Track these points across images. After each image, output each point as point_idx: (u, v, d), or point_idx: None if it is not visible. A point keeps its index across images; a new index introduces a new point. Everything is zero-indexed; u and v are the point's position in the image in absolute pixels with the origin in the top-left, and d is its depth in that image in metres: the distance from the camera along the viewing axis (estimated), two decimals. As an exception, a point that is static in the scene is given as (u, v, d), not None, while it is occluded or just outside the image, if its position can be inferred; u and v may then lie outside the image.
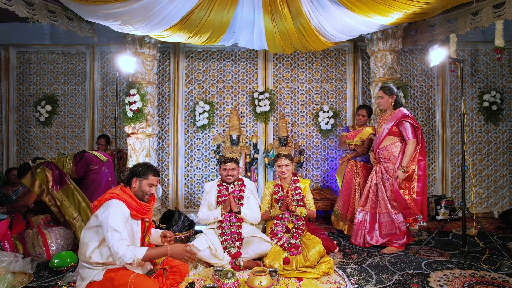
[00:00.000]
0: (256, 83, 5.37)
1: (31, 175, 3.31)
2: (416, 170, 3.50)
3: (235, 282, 2.47)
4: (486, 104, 5.19)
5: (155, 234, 2.70)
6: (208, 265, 3.02)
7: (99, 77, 5.48)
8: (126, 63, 4.17)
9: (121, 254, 2.18)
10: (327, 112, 5.20)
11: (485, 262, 3.11)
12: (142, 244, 2.52)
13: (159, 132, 5.24)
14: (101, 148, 4.97)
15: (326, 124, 5.20)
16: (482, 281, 2.73)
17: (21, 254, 3.04)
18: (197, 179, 5.39)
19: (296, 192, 3.29)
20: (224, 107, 5.39)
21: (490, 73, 5.29)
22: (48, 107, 5.35)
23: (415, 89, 5.35)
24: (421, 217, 3.53)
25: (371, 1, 3.08)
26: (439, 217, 4.86)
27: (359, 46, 5.29)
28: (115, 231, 2.23)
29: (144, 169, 2.54)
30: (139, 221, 2.52)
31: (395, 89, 3.66)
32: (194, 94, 5.39)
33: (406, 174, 3.43)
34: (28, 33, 5.30)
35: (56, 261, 2.92)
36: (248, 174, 4.91)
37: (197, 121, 5.24)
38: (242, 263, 2.98)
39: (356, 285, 2.68)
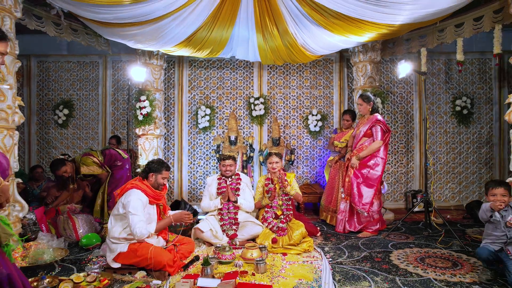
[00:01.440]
0: (252, 89, 5.99)
1: (87, 165, 4.02)
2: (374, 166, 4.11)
3: (231, 254, 3.09)
4: (458, 108, 5.80)
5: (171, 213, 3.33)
6: (210, 244, 3.63)
7: (111, 83, 6.09)
8: (137, 73, 4.80)
9: (138, 232, 2.81)
10: (316, 115, 5.81)
11: (441, 243, 3.73)
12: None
13: (165, 133, 5.85)
14: (112, 147, 5.59)
15: (315, 126, 5.82)
16: (433, 255, 3.34)
17: (54, 235, 3.65)
18: (199, 176, 6.01)
19: (283, 184, 3.90)
20: (224, 111, 6.01)
21: (462, 80, 5.90)
22: (66, 111, 5.96)
23: (395, 94, 5.96)
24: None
25: (344, 24, 3.69)
26: (415, 209, 5.47)
27: (344, 56, 5.90)
28: (135, 214, 2.85)
29: (158, 166, 3.15)
30: (154, 206, 3.14)
31: (372, 97, 4.27)
32: (197, 99, 6.01)
33: (372, 170, 4.06)
34: (47, 45, 5.89)
35: (84, 240, 3.55)
36: (245, 171, 5.52)
37: (199, 123, 5.85)
38: (238, 243, 3.59)
39: (330, 259, 3.29)
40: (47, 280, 2.50)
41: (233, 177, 3.96)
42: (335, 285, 2.67)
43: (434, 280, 2.76)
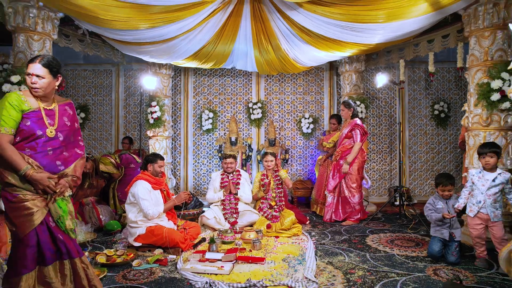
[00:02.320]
0: (251, 95, 6.64)
1: (105, 164, 4.67)
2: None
3: (232, 236, 3.74)
4: (436, 112, 6.44)
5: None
6: (214, 230, 4.27)
7: (123, 90, 6.74)
8: (149, 81, 5.46)
9: (151, 213, 3.48)
10: (308, 118, 6.46)
11: (411, 229, 4.37)
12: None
13: (173, 135, 6.49)
14: (125, 147, 6.22)
15: (307, 128, 6.46)
16: (401, 238, 3.99)
17: (82, 222, 4.29)
18: (203, 173, 6.66)
19: (277, 178, 4.54)
20: (225, 115, 6.65)
21: (440, 87, 6.54)
22: (82, 115, 6.60)
23: (380, 99, 6.60)
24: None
25: (329, 43, 4.33)
26: (396, 203, 6.10)
27: (334, 65, 6.54)
28: (144, 199, 3.52)
29: (153, 157, 3.82)
30: (159, 191, 3.77)
31: (353, 104, 4.91)
32: (201, 104, 6.65)
33: (351, 169, 4.70)
34: (66, 55, 6.50)
35: (108, 226, 4.19)
36: (244, 168, 6.17)
37: (203, 126, 6.50)
38: (238, 228, 4.23)
39: (315, 241, 3.93)
40: (87, 253, 3.15)
41: (234, 173, 4.60)
42: (316, 258, 3.31)
43: (397, 255, 3.41)
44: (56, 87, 2.25)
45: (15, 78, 3.44)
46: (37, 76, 2.12)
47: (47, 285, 2.13)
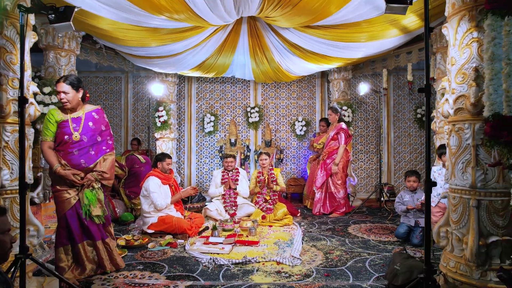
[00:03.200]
0: (249, 100, 7.24)
1: None
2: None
3: (232, 225, 4.34)
4: (419, 115, 7.03)
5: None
6: (215, 220, 4.87)
7: (132, 95, 7.33)
8: (157, 89, 6.07)
9: (159, 204, 4.08)
10: (301, 121, 7.06)
11: (390, 220, 4.97)
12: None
13: (178, 136, 7.09)
14: (134, 147, 6.82)
15: (300, 130, 7.06)
16: (379, 227, 4.59)
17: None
18: (205, 171, 7.26)
19: (271, 176, 5.14)
20: (225, 118, 7.26)
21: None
22: (94, 118, 7.19)
23: (367, 104, 7.20)
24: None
25: (317, 57, 4.94)
26: (383, 198, 6.71)
27: (325, 73, 7.13)
28: (154, 192, 4.12)
29: (162, 156, 4.44)
30: (168, 186, 4.37)
31: (339, 109, 5.52)
32: (203, 108, 7.25)
33: (338, 168, 5.30)
34: (80, 63, 7.04)
35: (123, 217, 4.79)
36: (243, 166, 6.76)
37: (205, 128, 7.10)
38: (236, 219, 4.83)
39: (303, 229, 4.53)
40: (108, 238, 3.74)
41: (233, 171, 5.20)
42: (302, 242, 3.91)
43: (372, 240, 4.01)
44: (80, 98, 2.85)
45: (46, 89, 4.05)
46: (64, 92, 2.75)
47: (77, 258, 2.78)
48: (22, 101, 1.88)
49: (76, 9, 2.05)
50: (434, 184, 1.95)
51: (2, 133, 2.17)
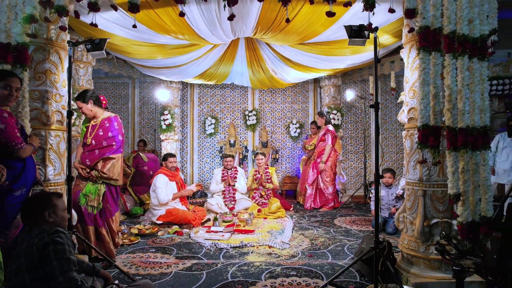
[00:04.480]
0: (247, 104, 7.80)
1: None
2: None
3: (230, 217, 4.91)
4: (404, 118, 7.59)
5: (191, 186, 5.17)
6: (216, 213, 5.43)
7: (138, 99, 7.90)
8: (162, 94, 6.64)
9: (161, 198, 4.64)
10: (295, 124, 7.63)
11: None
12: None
13: (181, 138, 7.66)
14: (140, 148, 7.37)
15: (295, 132, 7.63)
16: (362, 220, 5.15)
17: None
18: (206, 170, 7.82)
19: (266, 174, 5.71)
20: (225, 121, 7.82)
21: (407, 97, 7.69)
22: (103, 121, 7.76)
23: (357, 108, 7.77)
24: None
25: (307, 67, 5.50)
26: (369, 194, 7.26)
27: (318, 79, 7.70)
28: (159, 188, 4.69)
29: (166, 156, 5.04)
30: (174, 183, 4.94)
31: (325, 113, 6.09)
32: (204, 111, 7.82)
33: (326, 166, 5.87)
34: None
35: (133, 211, 5.37)
36: (241, 166, 7.33)
37: (207, 130, 7.66)
38: (235, 212, 5.40)
39: (295, 221, 5.10)
40: (123, 226, 4.31)
41: (232, 169, 5.76)
42: (292, 231, 4.47)
43: (354, 229, 4.58)
44: (93, 106, 3.37)
45: (68, 98, 4.61)
46: (79, 107, 3.29)
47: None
48: (69, 113, 2.44)
49: (108, 40, 2.61)
50: (381, 176, 2.53)
51: (48, 137, 2.73)
